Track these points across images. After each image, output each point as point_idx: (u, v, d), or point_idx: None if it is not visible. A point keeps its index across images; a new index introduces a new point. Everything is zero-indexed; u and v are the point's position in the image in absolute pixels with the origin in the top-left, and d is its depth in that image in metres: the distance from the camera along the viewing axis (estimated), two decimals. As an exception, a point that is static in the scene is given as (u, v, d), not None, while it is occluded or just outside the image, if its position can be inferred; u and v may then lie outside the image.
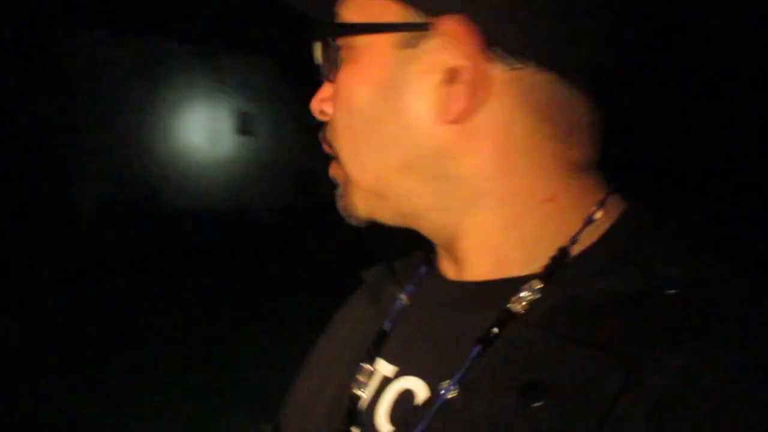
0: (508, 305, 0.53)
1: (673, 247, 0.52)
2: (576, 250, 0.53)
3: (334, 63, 0.60)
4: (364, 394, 0.61)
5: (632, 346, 0.44)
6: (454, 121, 0.54)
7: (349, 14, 0.58)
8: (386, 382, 0.60)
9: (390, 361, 0.62)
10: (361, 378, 0.62)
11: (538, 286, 0.53)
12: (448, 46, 0.53)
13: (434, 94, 0.54)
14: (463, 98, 0.53)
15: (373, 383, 0.61)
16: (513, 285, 0.54)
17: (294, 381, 0.75)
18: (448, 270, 0.62)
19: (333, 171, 0.63)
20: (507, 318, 0.52)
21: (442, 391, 0.52)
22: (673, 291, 0.47)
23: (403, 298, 0.66)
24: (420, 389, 0.55)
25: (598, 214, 0.55)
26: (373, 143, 0.57)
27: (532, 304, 0.52)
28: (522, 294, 0.53)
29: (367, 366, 0.62)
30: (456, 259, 0.59)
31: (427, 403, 0.54)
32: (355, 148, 0.59)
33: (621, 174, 0.61)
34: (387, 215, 0.61)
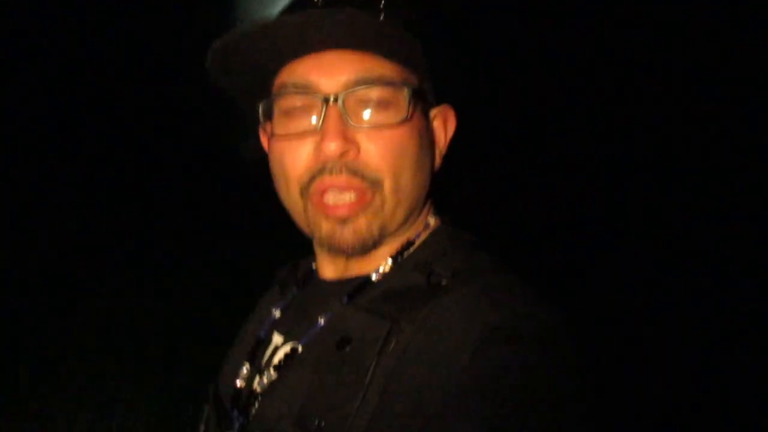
0: (348, 294, 0.84)
1: (452, 255, 0.84)
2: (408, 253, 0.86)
3: (387, 110, 0.79)
4: (266, 356, 0.91)
5: (401, 313, 0.76)
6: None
7: (403, 80, 0.81)
8: (276, 348, 0.89)
9: (280, 333, 0.92)
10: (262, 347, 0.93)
11: (378, 277, 0.85)
12: (444, 124, 0.90)
13: (436, 153, 0.90)
14: (441, 159, 0.90)
15: (270, 348, 0.91)
16: (363, 279, 0.85)
17: (227, 351, 1.03)
18: (326, 271, 0.91)
19: (355, 204, 0.79)
20: (344, 301, 0.83)
21: (298, 346, 0.84)
22: (442, 282, 0.78)
23: (295, 290, 0.97)
24: (296, 349, 0.85)
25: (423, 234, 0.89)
26: (415, 181, 0.83)
27: (366, 292, 0.83)
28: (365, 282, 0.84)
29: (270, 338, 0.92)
30: (342, 265, 0.88)
31: (296, 356, 0.84)
32: (404, 182, 0.81)
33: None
34: (385, 233, 0.83)
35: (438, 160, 0.90)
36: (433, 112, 0.89)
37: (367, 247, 0.82)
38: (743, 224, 5.07)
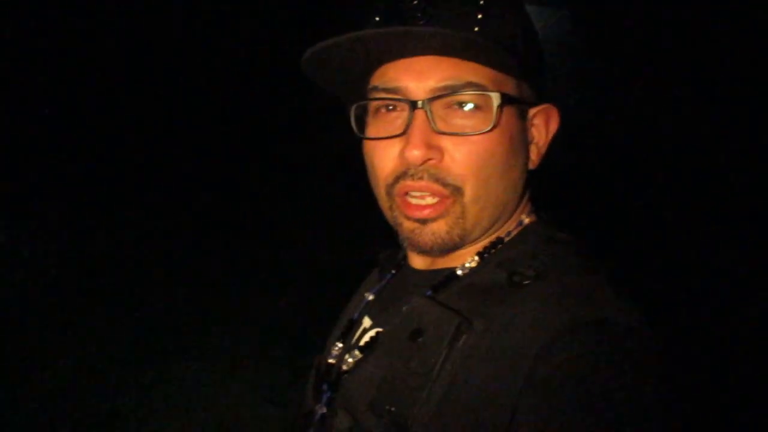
0: (433, 287, 0.87)
1: (538, 254, 0.84)
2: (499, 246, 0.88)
3: (474, 117, 0.79)
4: (355, 336, 0.97)
5: (476, 310, 0.78)
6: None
7: (494, 86, 0.80)
8: (365, 330, 0.96)
9: (370, 317, 0.97)
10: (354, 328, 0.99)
11: (464, 272, 0.87)
12: (546, 123, 0.89)
13: (530, 152, 0.89)
14: (539, 157, 0.90)
15: (360, 329, 0.97)
16: (449, 272, 0.88)
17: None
18: (415, 262, 0.95)
19: (437, 206, 0.81)
20: (427, 293, 0.86)
21: (381, 331, 0.88)
22: (525, 282, 0.79)
23: (390, 275, 1.02)
24: (379, 334, 0.90)
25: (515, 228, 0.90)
26: (501, 185, 0.83)
27: (449, 286, 0.86)
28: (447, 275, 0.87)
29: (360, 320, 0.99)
30: (430, 258, 0.91)
31: (378, 341, 0.88)
32: (488, 189, 0.82)
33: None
34: (468, 238, 0.85)
35: (536, 159, 0.89)
36: (533, 112, 0.88)
37: (446, 249, 0.84)
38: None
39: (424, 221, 0.82)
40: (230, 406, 3.92)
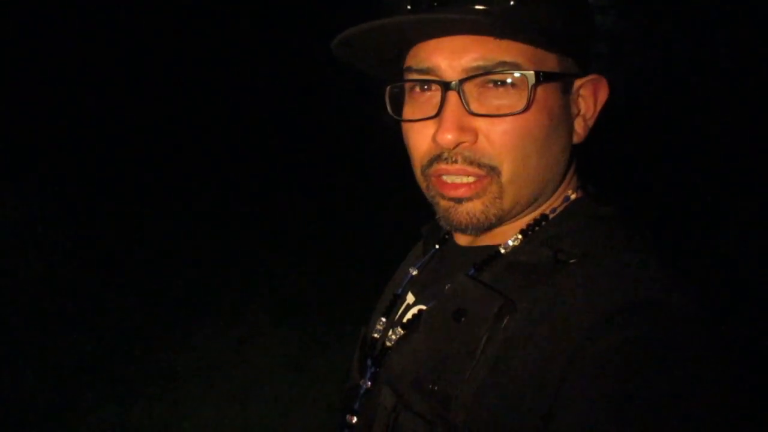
0: (475, 265, 0.86)
1: (585, 231, 0.82)
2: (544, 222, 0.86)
3: (508, 96, 0.76)
4: (399, 312, 0.97)
5: (519, 290, 0.77)
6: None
7: (530, 63, 0.77)
8: (408, 307, 0.95)
9: (413, 293, 0.97)
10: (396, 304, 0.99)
11: (506, 249, 0.86)
12: (594, 94, 0.86)
13: (575, 125, 0.86)
14: (586, 130, 0.87)
15: (404, 305, 0.97)
16: (492, 249, 0.87)
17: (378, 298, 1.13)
18: (459, 238, 0.94)
19: (473, 185, 0.79)
20: (470, 272, 0.86)
21: (424, 308, 0.88)
22: (571, 260, 0.77)
23: (434, 250, 1.02)
24: (422, 311, 0.89)
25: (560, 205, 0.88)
26: (542, 163, 0.81)
27: (493, 265, 0.85)
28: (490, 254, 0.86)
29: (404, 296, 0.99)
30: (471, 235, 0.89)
31: (421, 318, 0.88)
32: (526, 168, 0.79)
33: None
34: (506, 218, 0.83)
35: (582, 133, 0.86)
36: (579, 83, 0.84)
37: (482, 229, 0.83)
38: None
39: (459, 200, 0.81)
40: (248, 372, 3.98)
